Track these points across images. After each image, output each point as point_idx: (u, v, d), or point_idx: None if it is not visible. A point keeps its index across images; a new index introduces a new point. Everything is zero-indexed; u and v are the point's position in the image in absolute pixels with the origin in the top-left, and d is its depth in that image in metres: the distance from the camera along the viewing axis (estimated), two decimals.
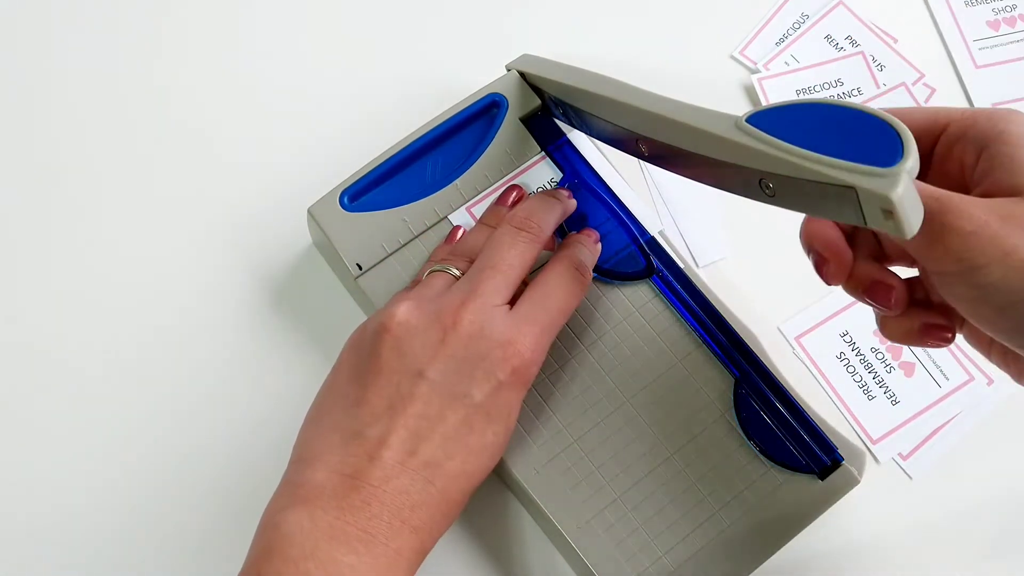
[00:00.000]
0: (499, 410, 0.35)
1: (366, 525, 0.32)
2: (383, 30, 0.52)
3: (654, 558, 0.39)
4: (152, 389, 0.43)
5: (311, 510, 0.32)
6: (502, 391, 0.35)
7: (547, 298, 0.37)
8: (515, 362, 0.35)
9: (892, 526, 0.43)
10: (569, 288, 0.38)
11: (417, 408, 0.34)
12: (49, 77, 0.49)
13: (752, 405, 0.41)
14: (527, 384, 0.36)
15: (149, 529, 0.41)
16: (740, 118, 0.33)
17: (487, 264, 0.37)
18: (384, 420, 0.34)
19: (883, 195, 0.28)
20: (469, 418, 0.34)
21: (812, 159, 0.30)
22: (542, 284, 0.37)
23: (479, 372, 0.34)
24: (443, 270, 0.39)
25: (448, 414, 0.34)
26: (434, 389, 0.34)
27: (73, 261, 0.46)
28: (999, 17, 0.55)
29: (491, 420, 0.35)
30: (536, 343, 0.36)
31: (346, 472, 0.33)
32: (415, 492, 0.33)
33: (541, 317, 0.36)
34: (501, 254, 0.37)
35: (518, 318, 0.36)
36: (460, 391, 0.34)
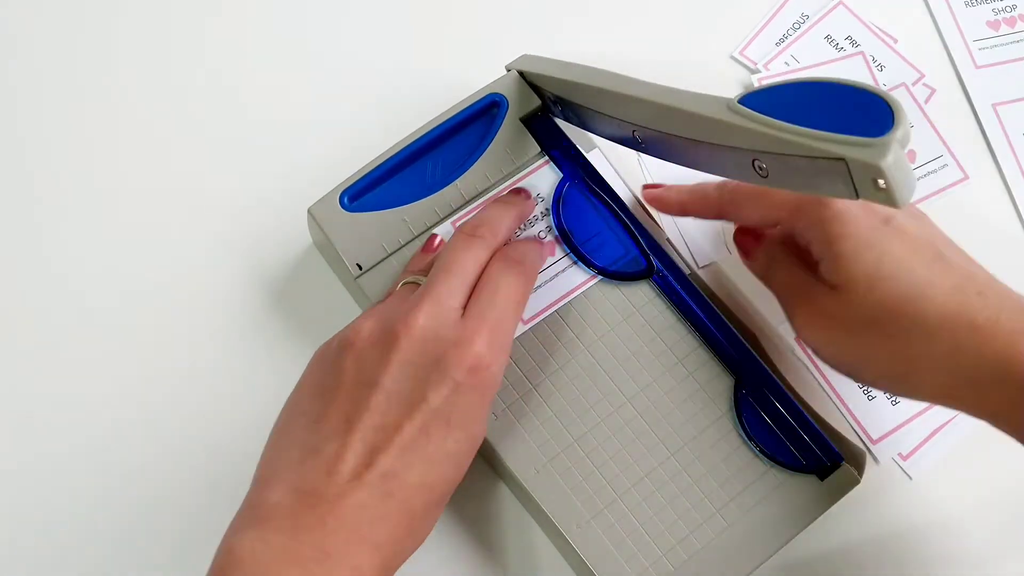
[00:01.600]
0: (459, 415, 0.33)
1: (322, 543, 0.31)
2: (383, 30, 0.52)
3: (654, 558, 0.39)
4: (151, 388, 0.43)
5: (264, 532, 0.31)
6: (460, 393, 0.33)
7: (494, 295, 0.36)
8: (471, 361, 0.33)
9: (892, 526, 0.43)
10: (512, 281, 0.37)
11: (374, 420, 0.33)
12: (50, 73, 0.49)
13: (752, 405, 0.41)
14: (488, 387, 0.34)
15: (144, 529, 0.41)
16: (732, 100, 0.33)
17: (439, 268, 0.36)
18: (342, 434, 0.32)
19: (873, 164, 0.28)
20: (427, 425, 0.33)
21: (801, 134, 0.30)
22: (486, 284, 0.36)
23: (434, 375, 0.33)
24: (413, 282, 0.38)
25: (405, 423, 0.33)
26: (390, 398, 0.33)
27: (73, 260, 0.46)
28: (999, 17, 0.55)
29: (451, 427, 0.33)
30: (491, 340, 0.34)
31: (303, 489, 0.32)
32: (373, 506, 0.32)
33: (491, 314, 0.35)
34: (452, 257, 0.37)
35: (469, 318, 0.35)
36: (416, 397, 0.33)
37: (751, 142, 0.32)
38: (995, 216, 0.50)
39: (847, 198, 0.30)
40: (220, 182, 0.48)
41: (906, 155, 0.29)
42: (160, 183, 0.47)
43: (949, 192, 0.50)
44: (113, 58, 0.50)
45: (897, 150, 0.28)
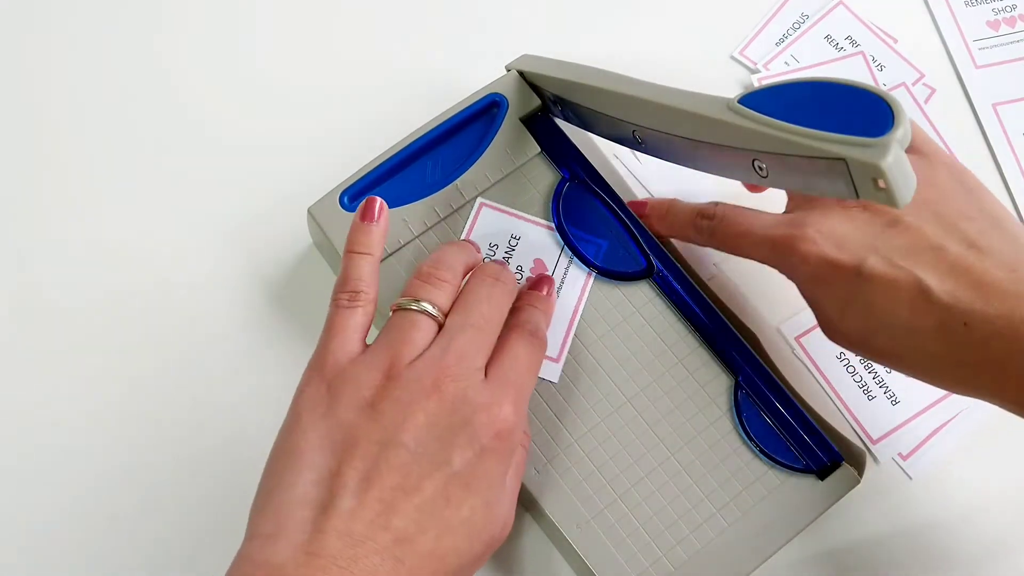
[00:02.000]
0: (479, 480, 0.32)
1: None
2: (383, 30, 0.52)
3: (654, 558, 0.39)
4: (151, 388, 0.43)
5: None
6: (484, 458, 0.33)
7: (514, 365, 0.35)
8: (499, 426, 0.33)
9: (892, 526, 0.43)
10: (531, 351, 0.36)
11: (394, 479, 0.31)
12: (51, 73, 0.49)
13: (752, 405, 0.41)
14: (510, 451, 0.34)
15: (141, 529, 0.41)
16: (732, 100, 0.33)
17: (467, 322, 0.35)
18: (358, 493, 0.31)
19: (873, 164, 0.28)
20: (446, 488, 0.32)
21: (801, 134, 0.30)
22: (507, 354, 0.35)
23: (461, 438, 0.32)
24: (416, 309, 0.35)
25: (426, 484, 0.31)
26: (414, 459, 0.32)
27: (73, 260, 0.46)
28: (999, 17, 0.55)
29: (469, 492, 0.32)
30: (516, 406, 0.34)
31: (311, 550, 0.29)
32: (384, 573, 0.30)
33: (514, 382, 0.35)
34: (479, 311, 0.36)
35: (495, 381, 0.34)
36: (440, 458, 0.32)
37: (751, 142, 0.32)
38: None
39: (847, 198, 0.30)
40: (220, 182, 0.48)
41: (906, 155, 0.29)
42: (160, 183, 0.47)
43: None
44: (114, 55, 0.50)
45: (897, 150, 0.28)
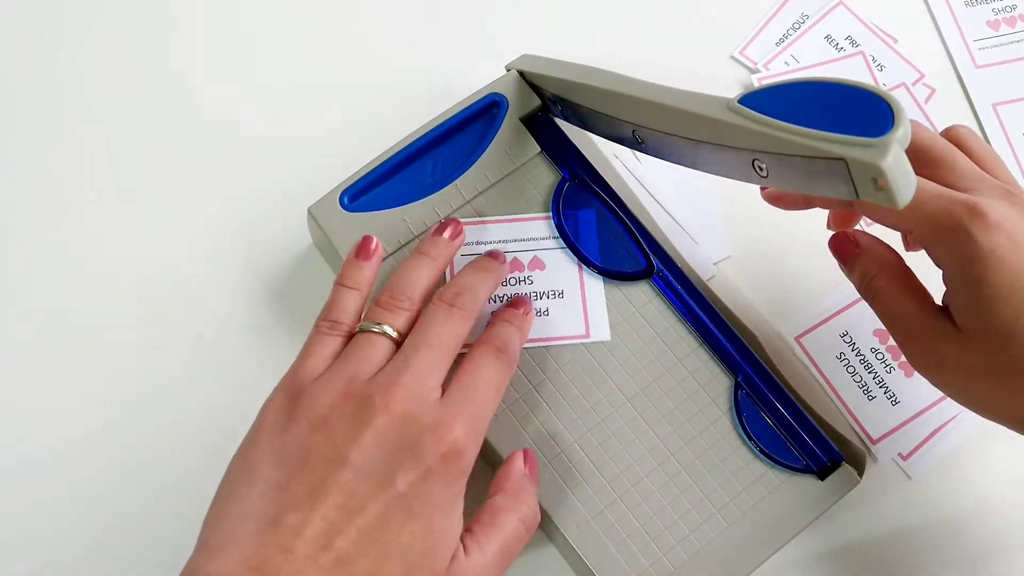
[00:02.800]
0: (421, 504, 0.32)
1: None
2: (383, 30, 0.52)
3: (654, 558, 0.39)
4: (149, 388, 0.43)
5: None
6: (428, 480, 0.32)
7: (475, 382, 0.35)
8: (444, 448, 0.32)
9: (892, 526, 0.43)
10: (495, 368, 0.36)
11: (338, 498, 0.31)
12: (51, 73, 0.49)
13: (752, 405, 0.41)
14: (457, 476, 0.33)
15: (138, 531, 0.41)
16: (732, 100, 0.33)
17: (421, 343, 0.35)
18: (304, 509, 0.31)
19: (872, 164, 0.28)
20: (388, 511, 0.31)
21: (802, 134, 0.30)
22: (469, 370, 0.35)
23: (407, 460, 0.32)
24: (374, 331, 0.36)
25: (369, 506, 0.31)
26: (359, 477, 0.32)
27: (73, 260, 0.46)
28: (999, 17, 0.55)
29: (411, 516, 0.32)
30: (468, 429, 0.33)
31: (253, 565, 0.30)
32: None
33: (470, 402, 0.34)
34: (435, 332, 0.35)
35: (448, 404, 0.34)
36: (384, 480, 0.32)
37: (751, 142, 0.32)
38: None
39: (847, 198, 0.30)
40: (220, 182, 0.48)
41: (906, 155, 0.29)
42: (160, 183, 0.47)
43: None
44: (117, 57, 0.50)
45: (897, 150, 0.28)
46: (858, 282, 0.38)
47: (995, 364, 0.33)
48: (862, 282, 0.38)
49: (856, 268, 0.38)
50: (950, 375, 0.35)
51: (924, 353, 0.35)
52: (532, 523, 0.36)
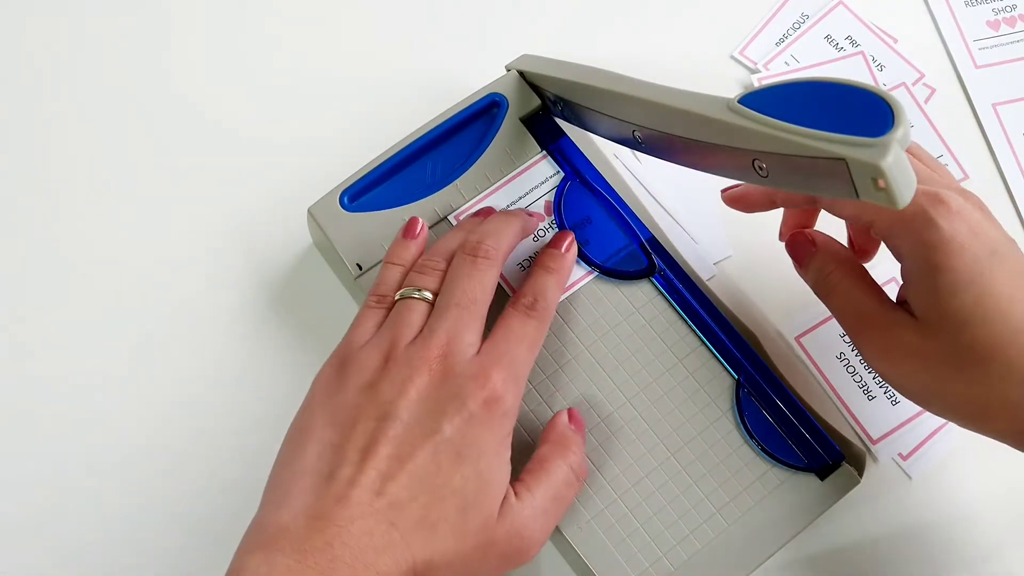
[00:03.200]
0: (469, 448, 0.34)
1: (327, 568, 0.31)
2: (383, 30, 0.52)
3: (654, 558, 0.39)
4: (150, 388, 0.43)
5: (269, 554, 0.31)
6: (473, 425, 0.34)
7: (507, 338, 0.36)
8: (485, 393, 0.34)
9: (892, 526, 0.43)
10: (524, 328, 0.37)
11: (388, 450, 0.33)
12: (51, 73, 0.49)
13: (753, 405, 0.41)
14: (500, 420, 0.35)
15: (139, 531, 0.41)
16: (732, 100, 0.33)
17: (451, 302, 0.36)
18: (357, 463, 0.33)
19: (873, 164, 0.28)
20: (437, 455, 0.33)
21: (801, 134, 0.30)
22: (501, 330, 0.37)
23: (450, 408, 0.34)
24: (412, 296, 0.37)
25: (417, 452, 0.33)
26: (407, 430, 0.34)
27: (73, 259, 0.46)
28: (999, 17, 0.55)
29: (460, 460, 0.34)
30: (506, 376, 0.35)
31: (312, 514, 0.32)
32: (378, 535, 0.32)
33: (505, 354, 0.36)
34: (462, 288, 0.37)
35: (486, 356, 0.35)
36: (431, 427, 0.34)
37: (751, 142, 0.32)
38: (995, 216, 0.50)
39: (847, 198, 0.30)
40: (220, 183, 0.48)
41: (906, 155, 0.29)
42: (159, 183, 0.47)
43: None
44: (116, 57, 0.50)
45: (897, 150, 0.28)
46: (815, 279, 0.39)
47: (952, 351, 0.34)
48: (819, 278, 0.39)
49: (812, 265, 0.39)
50: (906, 365, 0.35)
51: (881, 344, 0.36)
52: (581, 470, 0.37)
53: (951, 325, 0.33)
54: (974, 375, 0.34)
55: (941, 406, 0.36)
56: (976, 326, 0.33)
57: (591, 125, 0.42)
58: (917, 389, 0.36)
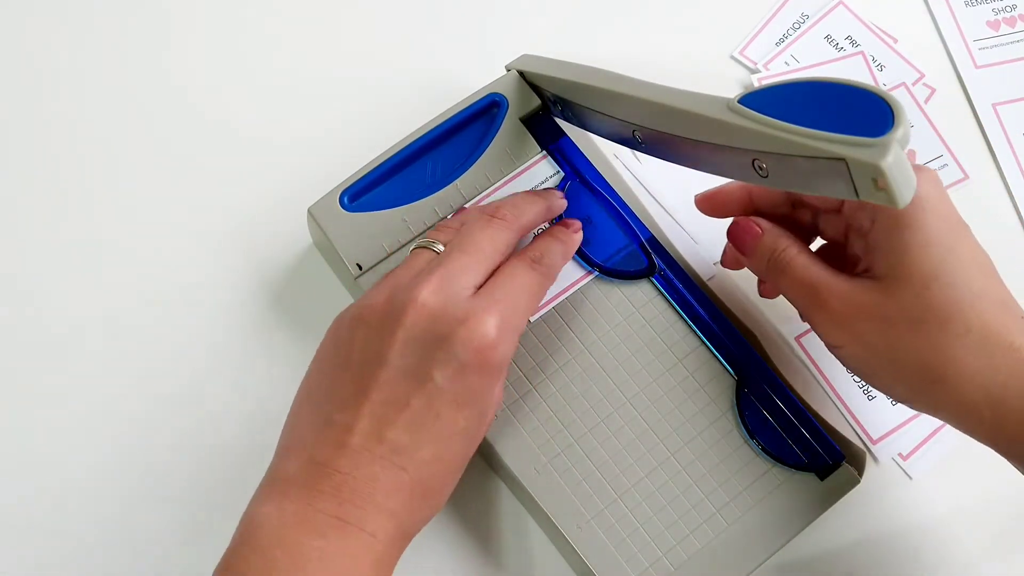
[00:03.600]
0: (467, 395, 0.34)
1: (337, 511, 0.31)
2: (383, 31, 0.52)
3: (654, 558, 0.39)
4: (150, 388, 0.43)
5: (280, 500, 0.32)
6: (467, 375, 0.33)
7: (507, 283, 0.36)
8: (478, 342, 0.33)
9: (892, 526, 0.43)
10: (530, 275, 0.37)
11: (382, 394, 0.33)
12: (51, 73, 0.49)
13: (753, 404, 0.41)
14: (495, 368, 0.34)
15: (140, 530, 0.41)
16: (732, 100, 0.33)
17: (455, 246, 0.36)
18: (351, 407, 0.33)
19: (873, 164, 0.28)
20: (434, 404, 0.33)
21: (802, 134, 0.30)
22: (502, 274, 0.36)
23: (440, 353, 0.33)
24: (427, 246, 0.38)
25: (412, 399, 0.33)
26: (397, 373, 0.33)
27: (73, 259, 0.46)
28: (999, 17, 0.55)
29: (460, 406, 0.33)
30: (501, 323, 0.34)
31: (317, 460, 0.32)
32: (386, 478, 0.32)
33: (502, 300, 0.35)
34: (470, 237, 0.37)
35: (480, 299, 0.34)
36: (422, 374, 0.33)
37: (751, 142, 0.32)
38: (995, 216, 0.50)
39: (847, 198, 0.30)
40: (220, 182, 0.48)
41: (906, 155, 0.29)
42: (160, 184, 0.47)
43: (949, 192, 0.50)
44: (116, 57, 0.50)
45: (897, 150, 0.28)
46: (767, 259, 0.38)
47: (913, 309, 0.34)
48: (772, 257, 0.38)
49: (762, 247, 0.38)
50: (864, 327, 0.35)
51: (839, 309, 0.36)
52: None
53: (916, 282, 0.34)
54: (931, 336, 0.34)
55: (892, 374, 0.36)
56: (940, 285, 0.34)
57: (591, 125, 0.42)
58: (870, 357, 0.36)
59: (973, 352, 0.34)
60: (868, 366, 0.36)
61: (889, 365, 0.35)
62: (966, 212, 0.50)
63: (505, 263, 0.37)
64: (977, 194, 0.50)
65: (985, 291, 0.34)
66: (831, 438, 0.41)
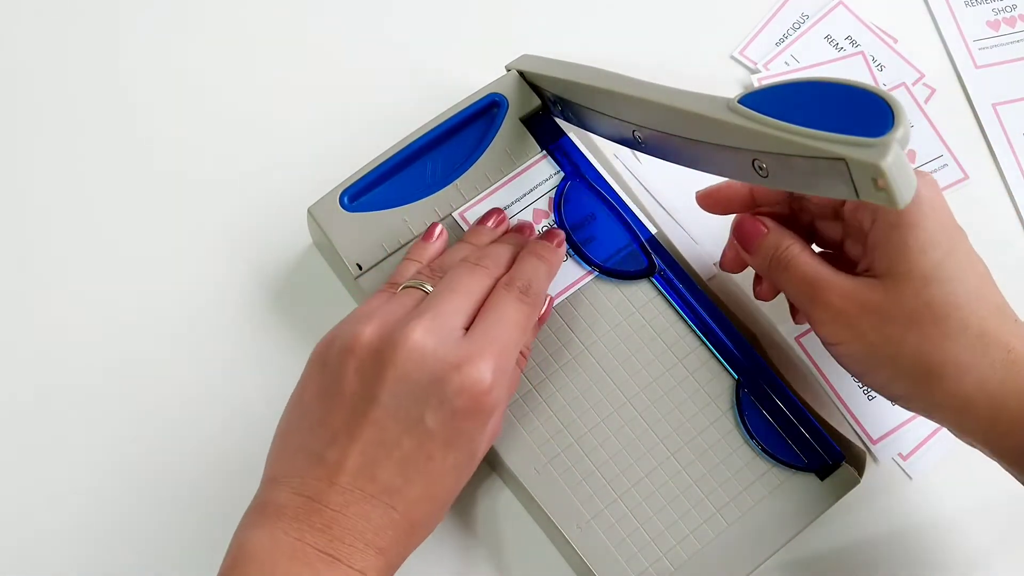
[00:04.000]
0: (458, 439, 0.34)
1: (327, 547, 0.31)
2: (383, 31, 0.52)
3: (654, 558, 0.39)
4: (151, 388, 0.43)
5: (273, 530, 0.32)
6: (458, 420, 0.33)
7: (498, 321, 0.35)
8: (472, 390, 0.33)
9: (892, 526, 0.43)
10: (517, 308, 0.36)
11: (372, 434, 0.33)
12: (52, 73, 0.49)
13: (753, 405, 0.41)
14: (488, 413, 0.34)
15: (141, 531, 0.41)
16: (732, 100, 0.33)
17: (444, 288, 0.36)
18: (342, 444, 0.33)
19: (873, 164, 0.28)
20: (425, 446, 0.33)
21: (802, 134, 0.30)
22: (492, 310, 0.36)
23: (433, 398, 0.33)
24: (417, 287, 0.37)
25: (404, 440, 0.33)
26: (388, 414, 0.33)
27: (73, 260, 0.46)
28: (999, 17, 0.55)
29: (450, 448, 0.34)
30: (495, 368, 0.34)
31: (307, 494, 0.32)
32: (376, 517, 0.32)
33: (495, 340, 0.35)
34: (460, 279, 0.37)
35: (471, 340, 0.34)
36: (414, 416, 0.33)
37: (751, 142, 0.32)
38: (995, 216, 0.50)
39: (847, 198, 0.30)
40: (220, 182, 0.48)
41: (906, 155, 0.29)
42: (160, 183, 0.47)
43: (949, 192, 0.50)
44: (112, 53, 0.50)
45: (897, 150, 0.28)
46: (770, 256, 0.39)
47: (912, 306, 0.35)
48: (776, 254, 0.39)
49: (766, 245, 0.39)
50: (863, 323, 0.36)
51: (840, 305, 0.36)
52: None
53: (916, 280, 0.35)
54: (930, 332, 0.34)
55: (890, 371, 0.36)
56: (939, 283, 0.34)
57: (591, 125, 0.42)
58: (869, 353, 0.36)
59: (970, 349, 0.34)
60: (867, 363, 0.37)
61: (888, 361, 0.36)
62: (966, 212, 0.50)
63: (492, 295, 0.37)
64: (977, 194, 0.50)
65: (982, 294, 0.35)
66: (831, 438, 0.41)
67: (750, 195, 0.41)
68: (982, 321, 0.34)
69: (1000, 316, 0.35)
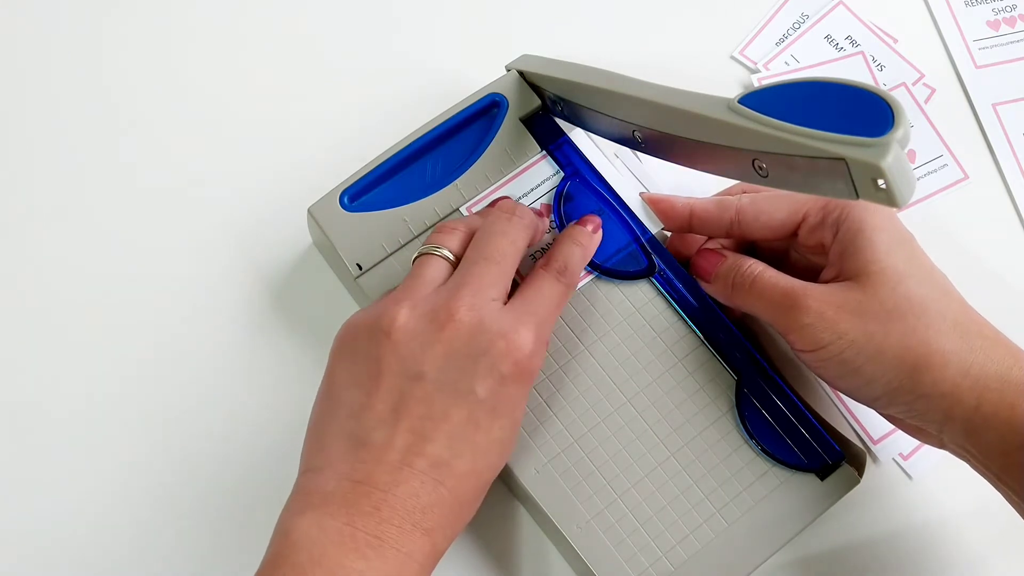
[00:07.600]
0: (504, 405, 0.35)
1: (376, 530, 0.32)
2: (382, 31, 0.52)
3: (654, 558, 0.39)
4: (152, 389, 0.43)
5: (320, 517, 0.32)
6: (506, 385, 0.34)
7: (536, 297, 0.37)
8: (517, 355, 0.34)
9: (892, 526, 0.43)
10: (553, 291, 0.38)
11: (420, 410, 0.33)
12: (51, 73, 0.49)
13: (753, 404, 0.41)
14: (530, 378, 0.35)
15: (151, 531, 0.41)
16: (732, 100, 0.33)
17: (480, 255, 0.37)
18: (389, 424, 0.33)
19: (873, 164, 0.28)
20: (474, 415, 0.34)
21: (801, 134, 0.30)
22: (530, 287, 0.37)
23: (481, 367, 0.34)
24: (432, 252, 0.38)
25: (452, 412, 0.34)
26: (436, 388, 0.34)
27: (74, 260, 0.46)
28: (999, 17, 0.55)
29: (496, 415, 0.34)
30: (536, 335, 0.35)
31: (355, 478, 0.33)
32: (425, 494, 0.33)
33: (534, 312, 0.36)
34: (495, 244, 0.37)
35: (515, 311, 0.36)
36: (463, 388, 0.34)
37: (751, 142, 0.32)
38: (995, 216, 0.50)
39: (847, 198, 0.30)
40: (220, 182, 0.48)
41: (906, 155, 0.29)
42: (159, 183, 0.47)
43: (949, 192, 0.50)
44: (112, 53, 0.50)
45: (897, 150, 0.28)
46: (732, 278, 0.40)
47: (891, 301, 0.36)
48: (736, 275, 0.40)
49: (725, 270, 0.41)
50: (844, 323, 0.36)
51: (819, 309, 0.37)
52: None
53: (890, 277, 0.36)
54: (911, 324, 0.36)
55: (875, 367, 0.36)
56: (912, 279, 0.36)
57: (591, 125, 0.42)
58: (853, 353, 0.36)
59: (951, 337, 0.35)
60: (848, 364, 0.37)
61: (871, 358, 0.36)
62: (966, 212, 0.51)
63: (531, 274, 0.38)
64: (977, 194, 0.50)
65: (947, 289, 0.37)
66: (831, 438, 0.41)
67: (687, 216, 0.42)
68: (955, 313, 0.36)
69: (965, 307, 0.37)
